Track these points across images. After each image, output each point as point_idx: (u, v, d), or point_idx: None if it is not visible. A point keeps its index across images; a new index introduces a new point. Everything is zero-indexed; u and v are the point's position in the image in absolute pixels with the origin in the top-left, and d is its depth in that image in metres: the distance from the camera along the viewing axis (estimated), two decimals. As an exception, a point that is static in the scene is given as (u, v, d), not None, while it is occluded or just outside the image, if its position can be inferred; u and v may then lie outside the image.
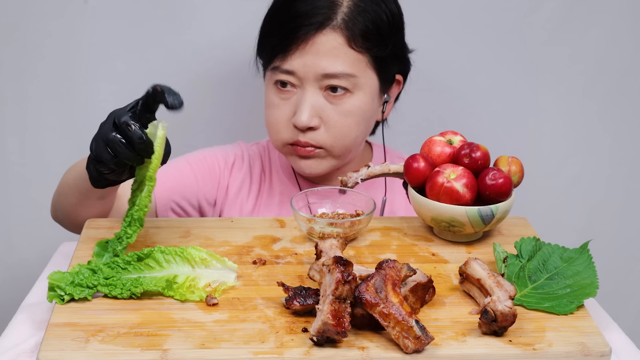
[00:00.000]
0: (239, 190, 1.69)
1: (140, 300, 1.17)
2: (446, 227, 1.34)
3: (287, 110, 1.57)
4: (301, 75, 1.54)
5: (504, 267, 1.24)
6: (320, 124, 1.56)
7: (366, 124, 1.61)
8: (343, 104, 1.55)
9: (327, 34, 1.53)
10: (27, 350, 1.12)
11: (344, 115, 1.55)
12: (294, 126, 1.56)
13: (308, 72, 1.54)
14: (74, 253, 1.30)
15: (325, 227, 1.33)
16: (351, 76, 1.54)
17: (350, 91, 1.55)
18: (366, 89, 1.57)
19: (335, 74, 1.53)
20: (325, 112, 1.55)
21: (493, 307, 1.09)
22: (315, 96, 1.55)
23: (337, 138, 1.57)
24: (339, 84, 1.54)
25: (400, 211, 1.69)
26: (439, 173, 1.33)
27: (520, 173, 1.38)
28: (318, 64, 1.53)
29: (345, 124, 1.56)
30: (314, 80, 1.54)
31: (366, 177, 1.45)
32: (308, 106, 1.54)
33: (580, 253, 1.26)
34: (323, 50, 1.53)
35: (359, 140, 1.62)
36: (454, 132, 1.42)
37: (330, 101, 1.55)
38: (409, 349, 1.06)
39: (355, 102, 1.56)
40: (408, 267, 1.12)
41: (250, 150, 1.75)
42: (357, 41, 1.54)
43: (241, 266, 1.27)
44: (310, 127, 1.55)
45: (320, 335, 1.05)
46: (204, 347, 1.07)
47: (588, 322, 1.14)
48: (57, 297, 1.16)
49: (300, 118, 1.54)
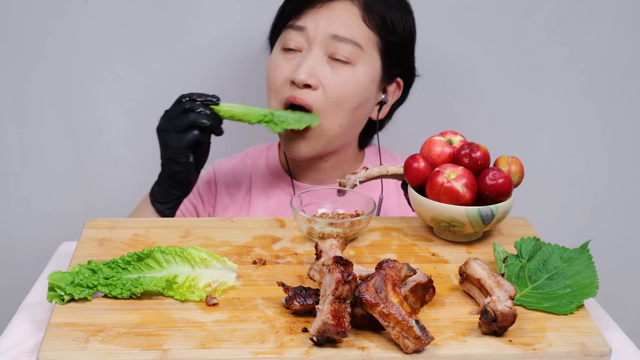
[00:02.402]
0: (225, 208, 1.72)
1: (140, 300, 1.17)
2: (446, 227, 1.34)
3: (288, 69, 1.59)
4: (311, 34, 1.57)
5: (504, 267, 1.24)
6: (318, 85, 1.57)
7: (360, 102, 1.60)
8: (343, 72, 1.57)
9: (344, 2, 1.58)
10: (27, 350, 1.12)
11: (342, 81, 1.57)
12: (292, 83, 1.57)
13: (318, 31, 1.57)
14: (74, 253, 1.30)
15: (325, 227, 1.33)
16: (357, 46, 1.57)
17: (352, 63, 1.57)
18: (368, 66, 1.59)
19: (343, 38, 1.56)
20: (325, 75, 1.57)
21: (493, 307, 1.09)
22: (319, 58, 1.57)
23: (331, 103, 1.57)
24: (344, 50, 1.56)
25: (394, 212, 1.69)
26: (439, 173, 1.33)
27: (520, 173, 1.38)
28: (330, 25, 1.57)
29: (341, 90, 1.57)
30: (322, 41, 1.57)
31: (364, 179, 1.45)
32: (310, 63, 1.56)
33: (580, 253, 1.26)
34: (337, 15, 1.57)
35: (351, 119, 1.61)
36: (454, 132, 1.42)
37: (332, 66, 1.57)
38: (409, 349, 1.06)
39: (356, 74, 1.58)
40: (408, 267, 1.12)
41: (227, 165, 1.77)
42: (371, 19, 1.58)
43: (241, 266, 1.27)
44: (308, 86, 1.56)
45: (320, 335, 1.06)
46: (204, 347, 1.07)
47: (588, 322, 1.14)
48: (57, 297, 1.16)
49: (300, 73, 1.55)
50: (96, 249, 1.31)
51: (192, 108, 1.50)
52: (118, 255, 1.24)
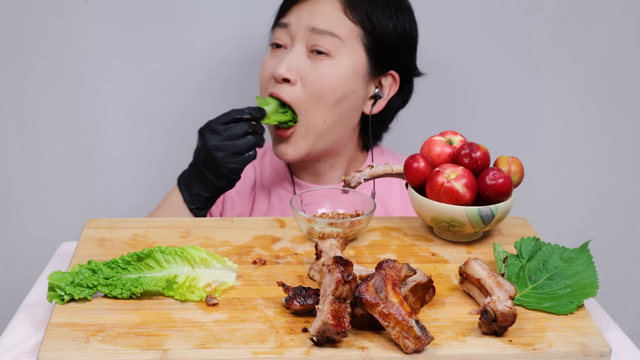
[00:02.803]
0: (232, 203, 1.74)
1: (140, 300, 1.17)
2: (446, 227, 1.34)
3: (272, 65, 1.62)
4: (293, 30, 1.60)
5: (504, 267, 1.24)
6: (297, 79, 1.58)
7: (343, 95, 1.60)
8: (322, 65, 1.58)
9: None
10: (27, 350, 1.12)
11: (320, 74, 1.58)
12: (273, 78, 1.60)
13: (300, 25, 1.59)
14: (74, 253, 1.30)
15: (325, 227, 1.33)
16: (337, 38, 1.58)
17: (332, 55, 1.58)
18: (350, 59, 1.59)
19: (322, 30, 1.57)
20: (304, 69, 1.58)
21: (493, 307, 1.09)
22: (299, 53, 1.59)
23: (310, 97, 1.58)
24: (324, 42, 1.57)
25: (397, 211, 1.69)
26: (439, 173, 1.33)
27: (520, 173, 1.38)
28: (310, 18, 1.58)
29: (319, 83, 1.58)
30: (303, 35, 1.59)
31: (369, 177, 1.45)
32: (289, 58, 1.58)
33: (580, 253, 1.26)
34: (318, 9, 1.59)
35: (334, 114, 1.61)
36: (454, 132, 1.42)
37: (312, 60, 1.59)
38: (409, 349, 1.06)
39: (335, 66, 1.58)
40: (408, 267, 1.12)
41: None
42: (353, 12, 1.59)
43: (241, 266, 1.27)
44: (287, 81, 1.58)
45: (320, 335, 1.05)
46: (204, 347, 1.07)
47: (588, 322, 1.14)
48: (57, 297, 1.16)
49: (278, 68, 1.58)
50: (96, 249, 1.31)
51: (255, 131, 1.54)
52: (118, 255, 1.24)
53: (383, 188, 1.71)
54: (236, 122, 1.54)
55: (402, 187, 1.71)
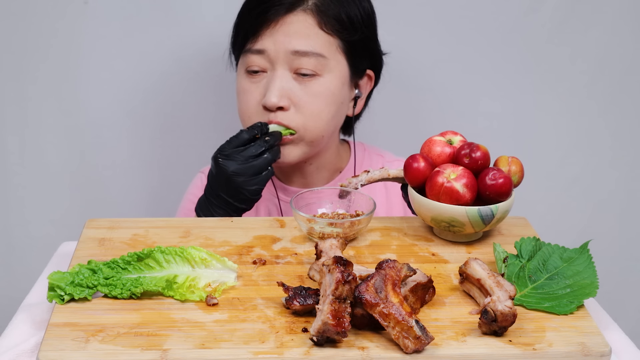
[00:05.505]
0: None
1: (140, 300, 1.17)
2: (446, 227, 1.34)
3: (257, 94, 1.59)
4: (272, 55, 1.56)
5: (504, 267, 1.24)
6: (289, 105, 1.57)
7: (337, 109, 1.61)
8: (312, 86, 1.57)
9: (297, 14, 1.55)
10: (27, 350, 1.12)
11: (313, 96, 1.57)
12: (264, 108, 1.57)
13: (278, 50, 1.55)
14: (74, 253, 1.30)
15: (325, 227, 1.33)
16: (321, 56, 1.56)
17: (319, 74, 1.57)
18: (336, 72, 1.58)
19: (305, 52, 1.55)
20: (295, 93, 1.57)
21: (493, 307, 1.09)
22: (284, 77, 1.56)
23: (307, 119, 1.57)
24: (308, 64, 1.55)
25: (399, 212, 1.69)
26: (439, 173, 1.33)
27: (520, 173, 1.38)
28: (288, 41, 1.55)
29: (314, 105, 1.57)
30: (284, 59, 1.56)
31: (366, 182, 1.45)
32: (277, 86, 1.56)
33: (580, 253, 1.26)
34: (293, 30, 1.55)
35: (331, 127, 1.62)
36: (454, 132, 1.42)
37: (299, 82, 1.57)
38: (409, 349, 1.06)
39: (325, 84, 1.57)
40: (408, 267, 1.12)
41: None
42: (327, 24, 1.56)
43: (241, 266, 1.27)
44: (280, 108, 1.56)
45: (320, 335, 1.05)
46: (204, 347, 1.07)
47: (588, 322, 1.14)
48: (57, 297, 1.16)
49: (270, 97, 1.55)
50: (96, 249, 1.31)
51: (270, 146, 1.52)
52: (118, 255, 1.24)
53: (382, 188, 1.72)
54: (250, 143, 1.52)
55: (393, 189, 1.71)
